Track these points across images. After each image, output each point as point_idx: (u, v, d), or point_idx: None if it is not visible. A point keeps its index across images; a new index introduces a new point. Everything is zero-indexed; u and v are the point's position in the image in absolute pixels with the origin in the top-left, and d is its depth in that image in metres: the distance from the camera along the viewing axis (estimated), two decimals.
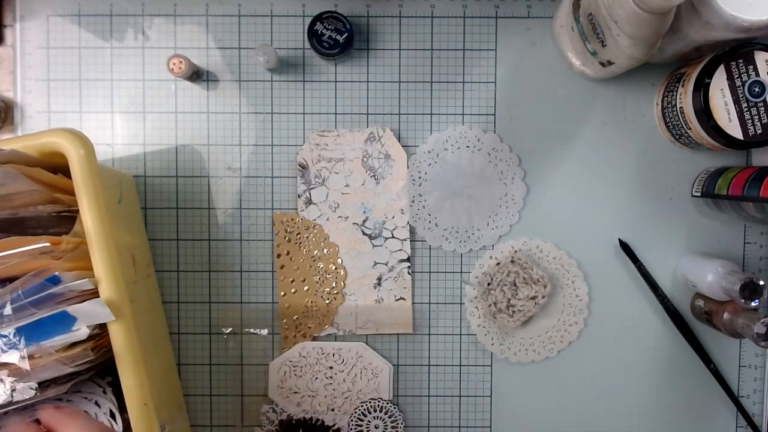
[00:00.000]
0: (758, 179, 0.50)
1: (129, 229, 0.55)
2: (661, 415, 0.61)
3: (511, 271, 0.58)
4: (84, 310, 0.42)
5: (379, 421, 0.60)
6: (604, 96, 0.59)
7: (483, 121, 0.59)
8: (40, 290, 0.41)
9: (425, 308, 0.60)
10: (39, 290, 0.41)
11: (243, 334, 0.60)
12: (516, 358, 0.60)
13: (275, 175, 0.60)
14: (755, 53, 0.50)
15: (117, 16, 0.59)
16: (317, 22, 0.56)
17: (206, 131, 0.60)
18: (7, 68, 0.59)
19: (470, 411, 0.61)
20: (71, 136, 0.45)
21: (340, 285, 0.59)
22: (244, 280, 0.60)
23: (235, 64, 0.59)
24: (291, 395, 0.60)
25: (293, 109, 0.60)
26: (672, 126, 0.56)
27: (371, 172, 0.59)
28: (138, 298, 0.52)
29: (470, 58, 0.59)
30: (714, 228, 0.60)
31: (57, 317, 0.41)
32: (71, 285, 0.42)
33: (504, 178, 0.59)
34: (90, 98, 0.59)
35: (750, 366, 0.60)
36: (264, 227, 0.60)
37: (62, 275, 0.42)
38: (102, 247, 0.44)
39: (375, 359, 0.60)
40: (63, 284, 0.42)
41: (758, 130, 0.50)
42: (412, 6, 0.59)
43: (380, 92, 0.59)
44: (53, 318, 0.41)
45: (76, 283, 0.42)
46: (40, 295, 0.41)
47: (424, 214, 0.59)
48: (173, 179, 0.60)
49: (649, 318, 0.60)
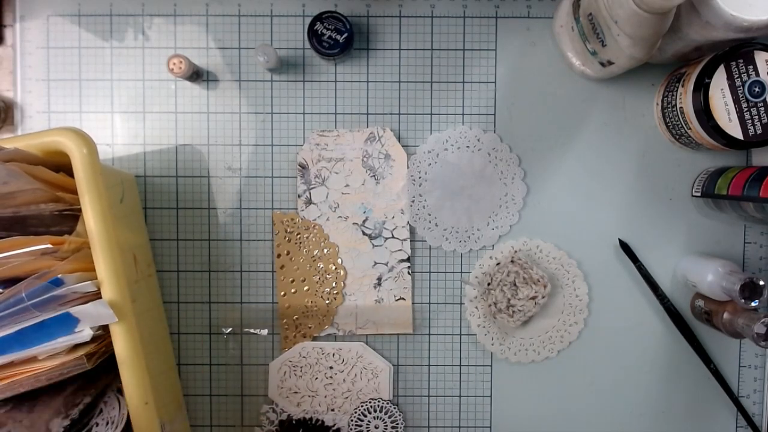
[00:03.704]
0: (758, 179, 0.50)
1: (131, 228, 0.55)
2: (661, 415, 0.61)
3: (511, 271, 0.58)
4: (87, 312, 0.42)
5: (379, 421, 0.60)
6: (604, 96, 0.59)
7: (483, 121, 0.60)
8: (43, 293, 0.41)
9: (425, 308, 0.60)
10: (42, 293, 0.41)
11: (243, 334, 0.60)
12: (516, 358, 0.60)
13: (275, 175, 0.60)
14: (755, 53, 0.50)
15: (117, 16, 0.59)
16: (317, 22, 0.56)
17: (206, 131, 0.60)
18: (7, 68, 0.59)
19: (470, 411, 0.61)
20: (74, 135, 0.45)
21: (340, 285, 0.59)
22: (244, 280, 0.60)
23: (235, 64, 0.59)
24: (291, 395, 0.60)
25: (293, 109, 0.60)
26: (672, 126, 0.56)
27: (371, 172, 0.59)
28: (139, 297, 0.52)
29: (470, 58, 0.59)
30: (714, 228, 0.60)
31: (60, 319, 0.41)
32: (74, 287, 0.42)
33: (504, 178, 0.59)
34: (90, 98, 0.59)
35: (750, 366, 0.60)
36: (264, 227, 0.60)
37: (65, 277, 0.42)
38: (104, 246, 0.44)
39: (375, 359, 0.60)
40: (66, 286, 0.42)
41: (758, 130, 0.50)
42: (412, 6, 0.59)
43: (380, 92, 0.59)
44: (56, 320, 0.41)
45: (79, 285, 0.42)
46: (43, 298, 0.41)
47: (424, 214, 0.59)
48: (173, 179, 0.60)
49: (649, 318, 0.60)
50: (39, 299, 0.41)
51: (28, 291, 0.41)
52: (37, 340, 0.41)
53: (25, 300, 0.40)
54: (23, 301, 0.40)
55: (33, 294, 0.41)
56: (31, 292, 0.41)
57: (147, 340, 0.44)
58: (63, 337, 0.42)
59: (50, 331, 0.41)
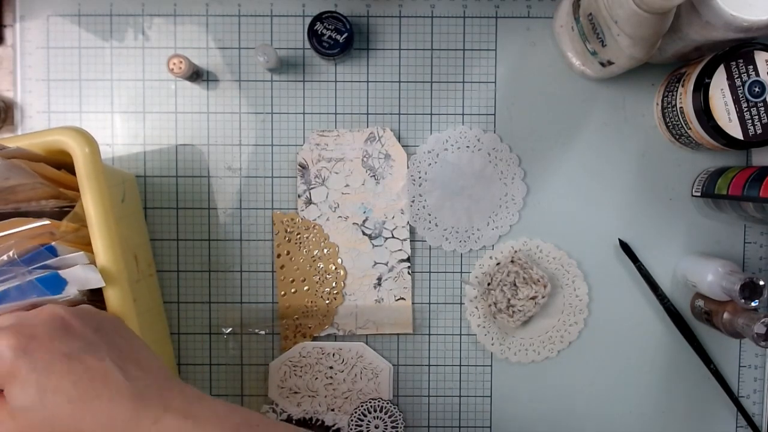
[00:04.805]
0: (758, 179, 0.50)
1: (131, 228, 0.55)
2: (661, 415, 0.61)
3: (511, 271, 0.58)
4: (75, 274, 0.42)
5: (379, 421, 0.60)
6: (604, 96, 0.59)
7: (483, 121, 0.60)
8: (36, 258, 0.41)
9: (425, 308, 0.60)
10: (35, 258, 0.41)
11: (243, 334, 0.60)
12: (516, 358, 0.60)
13: (275, 175, 0.60)
14: (755, 53, 0.50)
15: (117, 16, 0.59)
16: (317, 22, 0.56)
17: (206, 131, 0.60)
18: (7, 68, 0.59)
19: (470, 411, 0.61)
20: (76, 134, 0.45)
21: (340, 285, 0.59)
22: (244, 280, 0.60)
23: (235, 64, 0.59)
24: (291, 395, 0.60)
25: (293, 109, 0.60)
26: (672, 126, 0.56)
27: (371, 172, 0.59)
28: (140, 297, 0.52)
29: (470, 58, 0.59)
30: (714, 228, 0.60)
31: (48, 279, 0.41)
32: (67, 257, 0.42)
33: (504, 178, 0.59)
34: (90, 98, 0.59)
35: (750, 366, 0.60)
36: (264, 227, 0.60)
37: (59, 247, 0.42)
38: (107, 246, 0.44)
39: (375, 359, 0.60)
40: (60, 256, 0.42)
41: (758, 130, 0.50)
42: (412, 6, 0.59)
43: (380, 92, 0.59)
44: (44, 279, 0.41)
45: (72, 256, 0.42)
46: (36, 265, 0.41)
47: (424, 214, 0.59)
48: (173, 179, 0.60)
49: (649, 318, 0.60)
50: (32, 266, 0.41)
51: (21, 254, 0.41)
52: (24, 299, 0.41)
53: (14, 257, 0.40)
54: (15, 262, 0.40)
55: (26, 259, 0.41)
56: (26, 257, 0.41)
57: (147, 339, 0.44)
58: (50, 297, 0.41)
59: (38, 291, 0.41)
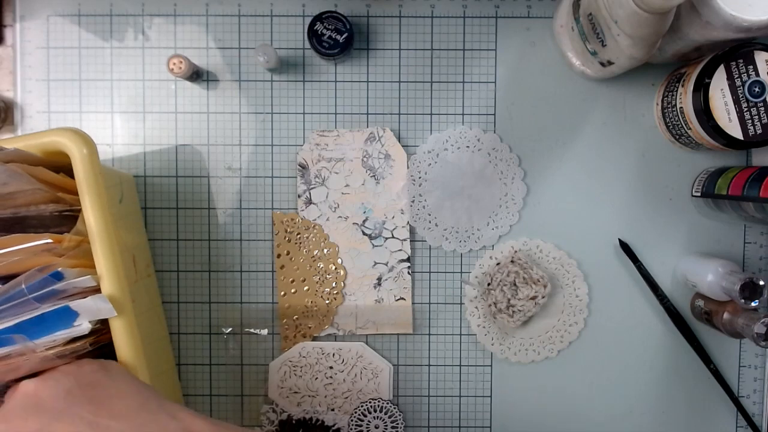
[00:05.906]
0: (758, 179, 0.50)
1: (130, 228, 0.55)
2: (661, 415, 0.61)
3: (511, 271, 0.58)
4: (86, 306, 0.42)
5: (379, 421, 0.60)
6: (604, 96, 0.59)
7: (483, 121, 0.60)
8: (44, 286, 0.41)
9: (425, 308, 0.60)
10: (42, 286, 0.41)
11: (243, 334, 0.60)
12: (516, 358, 0.60)
13: (275, 175, 0.60)
14: (755, 53, 0.50)
15: (117, 16, 0.59)
16: (317, 22, 0.56)
17: (206, 131, 0.60)
18: (7, 68, 0.59)
19: (470, 411, 0.61)
20: (74, 135, 0.45)
21: (340, 285, 0.59)
22: (244, 280, 0.60)
23: (235, 64, 0.59)
24: (291, 395, 0.60)
25: (293, 109, 0.60)
26: (672, 126, 0.56)
27: (371, 172, 0.59)
28: (138, 298, 0.52)
29: (470, 58, 0.59)
30: (714, 228, 0.60)
31: (59, 312, 0.41)
32: (74, 282, 0.42)
33: (504, 178, 0.59)
34: (90, 98, 0.59)
35: (750, 366, 0.60)
36: (264, 227, 0.60)
37: (65, 271, 0.42)
38: (105, 246, 0.44)
39: (375, 359, 0.60)
40: (66, 281, 0.42)
41: (758, 130, 0.50)
42: (412, 6, 0.59)
43: (380, 92, 0.59)
44: (55, 313, 0.41)
45: (78, 280, 0.42)
46: (43, 291, 0.41)
47: (424, 214, 0.59)
48: (173, 179, 0.60)
49: (649, 318, 0.60)
50: (39, 293, 0.41)
51: (29, 284, 0.41)
52: (35, 334, 0.41)
53: (25, 292, 0.40)
54: (23, 294, 0.40)
55: (33, 287, 0.41)
56: (32, 285, 0.41)
57: (147, 340, 0.45)
58: (61, 331, 0.41)
59: (49, 325, 0.41)
